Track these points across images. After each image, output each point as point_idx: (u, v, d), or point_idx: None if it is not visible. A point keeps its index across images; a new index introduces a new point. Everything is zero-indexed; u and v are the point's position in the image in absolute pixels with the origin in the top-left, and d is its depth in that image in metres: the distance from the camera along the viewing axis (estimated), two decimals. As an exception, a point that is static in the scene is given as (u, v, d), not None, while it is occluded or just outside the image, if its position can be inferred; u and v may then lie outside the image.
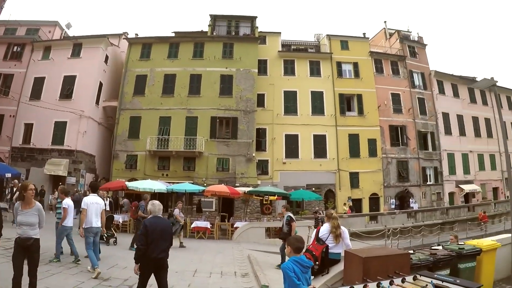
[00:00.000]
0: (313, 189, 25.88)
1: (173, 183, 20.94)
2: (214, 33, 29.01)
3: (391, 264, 4.27)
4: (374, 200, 29.68)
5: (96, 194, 8.17)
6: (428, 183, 32.15)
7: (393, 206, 29.59)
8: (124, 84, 26.71)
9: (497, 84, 8.09)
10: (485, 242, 6.64)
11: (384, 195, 29.66)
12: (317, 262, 5.39)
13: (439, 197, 32.57)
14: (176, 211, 13.62)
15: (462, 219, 27.93)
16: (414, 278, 3.56)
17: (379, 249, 6.15)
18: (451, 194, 33.40)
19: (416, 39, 36.08)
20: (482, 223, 26.42)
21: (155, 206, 5.43)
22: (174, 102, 26.18)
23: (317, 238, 5.81)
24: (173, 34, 29.53)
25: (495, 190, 37.00)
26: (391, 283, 3.40)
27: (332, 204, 27.45)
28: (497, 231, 23.48)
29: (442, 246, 6.63)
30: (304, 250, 4.85)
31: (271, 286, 7.11)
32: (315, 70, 30.29)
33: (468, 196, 34.29)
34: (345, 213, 25.69)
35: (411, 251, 5.81)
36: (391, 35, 36.20)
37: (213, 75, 26.88)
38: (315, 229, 6.18)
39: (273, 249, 12.44)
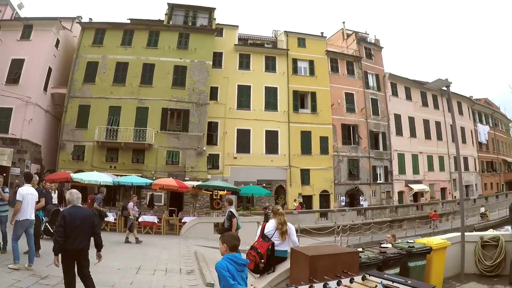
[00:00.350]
0: (264, 184, 27.08)
1: (121, 175, 20.94)
2: (171, 22, 29.43)
3: (340, 263, 4.29)
4: (325, 197, 31.41)
5: (31, 185, 7.77)
6: (378, 181, 34.65)
7: (343, 203, 31.52)
8: (74, 71, 26.45)
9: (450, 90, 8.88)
10: (435, 241, 6.92)
11: (334, 192, 31.56)
12: (262, 260, 5.37)
13: (388, 196, 35.14)
14: (130, 205, 13.64)
15: (411, 217, 30.27)
16: (363, 278, 3.52)
17: (327, 247, 6.15)
18: (401, 193, 36.17)
19: (373, 41, 38.57)
20: (433, 221, 29.13)
21: (73, 195, 5.40)
22: (125, 91, 26.34)
23: (263, 235, 5.78)
24: (129, 21, 29.66)
25: (443, 190, 40.50)
26: (338, 284, 3.34)
27: (282, 200, 28.91)
28: (444, 229, 26.23)
29: (392, 244, 6.88)
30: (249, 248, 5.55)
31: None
32: (270, 66, 31.65)
33: (417, 195, 37.29)
34: (295, 209, 27.15)
35: (360, 249, 5.91)
36: (348, 36, 38.44)
37: (167, 66, 27.29)
38: (261, 226, 6.14)
39: (221, 245, 12.78)
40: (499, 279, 7.35)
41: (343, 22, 39.53)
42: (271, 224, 5.91)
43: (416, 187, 36.71)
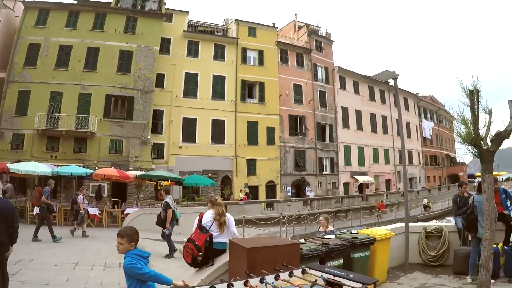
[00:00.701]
0: (210, 175, 28.11)
1: (63, 165, 20.41)
2: (119, 5, 29.18)
3: (280, 256, 4.24)
4: (271, 188, 33.20)
5: None
6: (324, 172, 37.19)
7: (289, 194, 33.35)
8: (15, 53, 25.78)
9: (398, 85, 8.90)
10: (379, 231, 7.13)
11: (280, 182, 33.48)
12: (200, 253, 5.35)
13: (334, 187, 37.81)
14: (80, 198, 13.56)
15: (356, 208, 32.64)
16: (303, 272, 3.49)
17: (267, 238, 6.14)
18: (346, 184, 39.15)
19: (324, 34, 40.99)
20: (379, 211, 31.82)
21: None
22: (67, 76, 26.04)
23: (200, 226, 5.76)
24: (75, 2, 28.93)
25: (388, 182, 44.20)
26: (276, 278, 3.29)
27: (228, 191, 30.54)
28: (389, 219, 28.58)
29: (335, 234, 7.06)
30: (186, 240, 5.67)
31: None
32: (219, 54, 32.67)
33: (362, 187, 40.51)
34: (241, 199, 28.38)
35: (302, 241, 5.98)
36: (300, 28, 40.51)
37: (112, 50, 27.33)
38: (198, 217, 6.12)
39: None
40: (443, 269, 7.85)
41: (296, 14, 41.06)
42: (208, 215, 5.92)
43: (361, 179, 39.77)
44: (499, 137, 5.70)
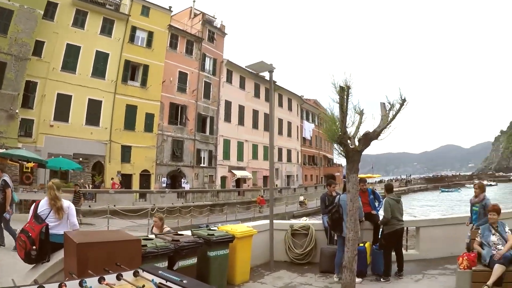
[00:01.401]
0: (81, 159, 28.76)
1: None
2: None
3: (118, 253, 4.09)
4: (145, 177, 34.93)
5: None
6: (202, 165, 40.77)
7: (164, 185, 35.49)
8: None
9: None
10: (240, 228, 7.38)
11: (156, 172, 35.57)
12: (34, 247, 4.97)
13: (211, 180, 41.46)
14: None
15: (232, 202, 35.65)
16: (135, 274, 3.31)
17: (107, 232, 6.08)
18: (224, 178, 43.30)
19: (218, 26, 44.52)
20: (260, 206, 35.56)
21: None
22: None
23: (35, 215, 5.40)
24: None
25: (265, 178, 49.23)
26: (100, 281, 3.02)
27: (100, 178, 31.47)
28: (265, 215, 30.75)
29: (191, 230, 7.15)
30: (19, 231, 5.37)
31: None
32: (107, 29, 33.26)
33: (239, 181, 45.12)
34: (111, 188, 29.32)
35: (153, 236, 6.07)
36: (196, 15, 43.46)
37: None
38: (33, 204, 5.72)
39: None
40: (310, 267, 8.34)
41: (194, 1, 43.35)
42: (44, 202, 5.61)
43: (239, 173, 44.42)
44: (367, 137, 6.17)
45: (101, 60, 32.66)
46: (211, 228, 7.32)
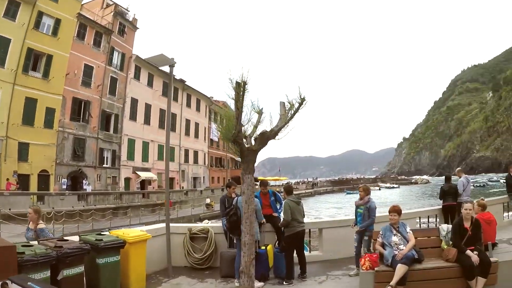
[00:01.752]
0: None
1: None
2: None
3: None
4: (44, 178, 33.43)
5: None
6: (105, 165, 40.62)
7: (64, 186, 34.61)
8: None
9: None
10: (132, 233, 7.32)
11: (55, 173, 34.38)
12: None
13: (114, 181, 41.42)
14: None
15: (136, 205, 36.07)
16: (3, 285, 3.16)
17: None
18: (128, 179, 43.58)
19: (130, 19, 44.85)
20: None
21: None
22: None
23: None
24: None
25: (171, 180, 50.32)
26: None
27: None
28: (171, 218, 32.43)
29: (79, 236, 7.02)
30: None
31: None
32: (11, 12, 31.15)
33: (144, 183, 45.67)
34: (6, 190, 28.03)
35: (35, 243, 5.83)
36: (108, 6, 43.30)
37: None
38: None
39: None
40: (211, 272, 8.46)
41: (107, -10, 43.10)
42: None
43: (144, 175, 44.96)
44: (264, 136, 6.21)
45: (2, 45, 30.76)
46: (101, 233, 7.21)
